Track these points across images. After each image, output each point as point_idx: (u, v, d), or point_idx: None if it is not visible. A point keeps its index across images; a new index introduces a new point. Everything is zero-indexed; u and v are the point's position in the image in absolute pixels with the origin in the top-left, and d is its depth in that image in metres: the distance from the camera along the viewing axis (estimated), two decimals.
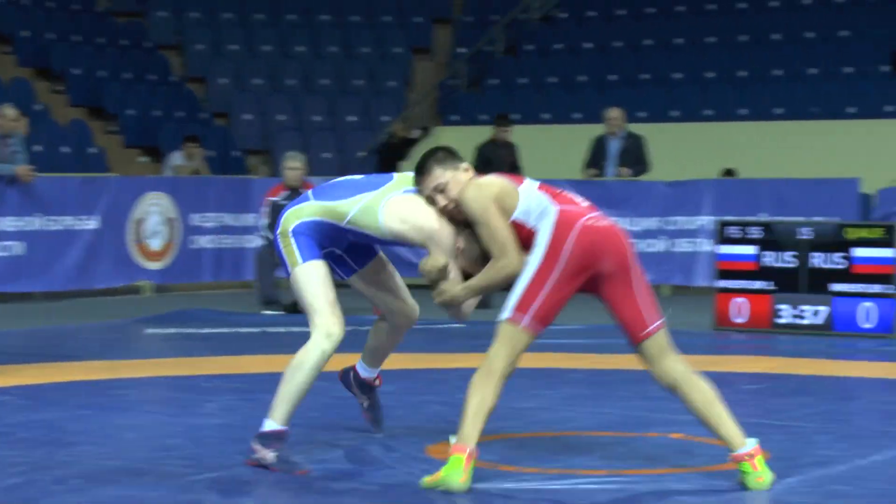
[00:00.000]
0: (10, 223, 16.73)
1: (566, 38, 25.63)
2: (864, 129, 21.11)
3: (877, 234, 13.78)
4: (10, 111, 16.98)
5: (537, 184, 6.86)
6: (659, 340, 6.65)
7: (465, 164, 7.06)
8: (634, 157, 19.00)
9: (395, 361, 11.75)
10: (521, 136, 19.41)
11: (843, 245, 13.77)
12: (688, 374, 6.63)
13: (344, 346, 7.53)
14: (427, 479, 6.65)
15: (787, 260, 13.89)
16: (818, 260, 13.80)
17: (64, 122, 22.46)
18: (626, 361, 11.63)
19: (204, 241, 18.96)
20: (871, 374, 11.47)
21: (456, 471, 6.52)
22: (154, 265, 18.37)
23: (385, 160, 22.36)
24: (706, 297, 15.08)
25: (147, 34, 25.84)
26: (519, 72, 25.26)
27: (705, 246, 17.53)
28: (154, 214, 18.28)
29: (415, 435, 8.23)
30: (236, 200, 19.24)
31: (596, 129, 19.58)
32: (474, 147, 19.30)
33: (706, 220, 17.80)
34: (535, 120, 20.36)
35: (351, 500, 6.62)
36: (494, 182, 6.86)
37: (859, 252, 13.68)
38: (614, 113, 19.18)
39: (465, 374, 10.99)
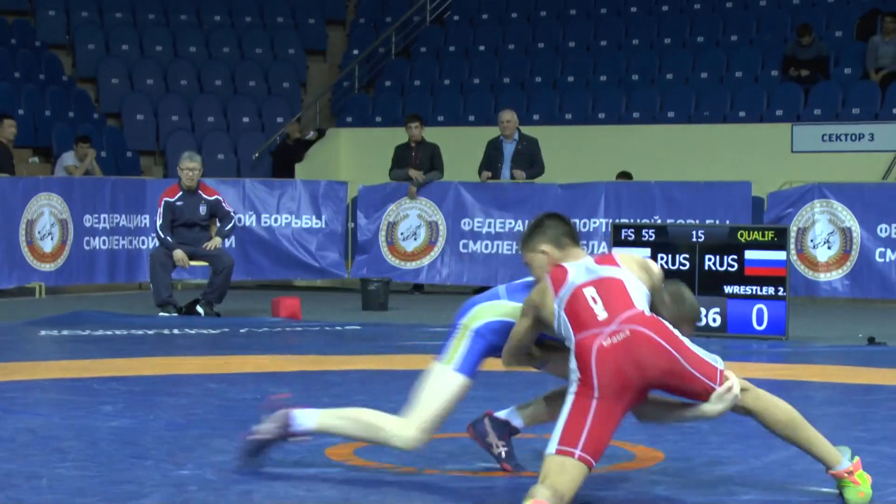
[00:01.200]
0: None
1: (460, 41, 25.68)
2: (755, 133, 21.29)
3: (768, 236, 13.91)
4: None
5: (565, 301, 6.46)
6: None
7: (543, 246, 6.78)
8: (529, 159, 19.11)
9: (292, 364, 11.80)
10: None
11: (736, 248, 13.88)
12: (761, 400, 6.49)
13: (228, 347, 7.53)
14: None
15: (682, 262, 13.99)
16: (711, 262, 13.91)
17: None
18: None
19: (97, 243, 18.86)
20: (763, 375, 11.57)
21: None
22: (46, 266, 18.25)
23: (280, 162, 22.38)
24: None
25: (36, 33, 25.64)
26: (412, 74, 25.30)
27: (600, 248, 17.65)
28: (46, 215, 18.18)
29: (314, 438, 8.25)
30: (130, 201, 19.13)
31: (490, 132, 19.67)
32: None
33: (601, 223, 17.95)
34: (430, 122, 20.39)
35: (255, 500, 6.61)
36: (538, 298, 6.62)
37: (751, 255, 13.80)
38: (508, 116, 19.28)
39: (362, 376, 11.07)
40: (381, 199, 19.35)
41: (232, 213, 16.90)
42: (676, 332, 6.31)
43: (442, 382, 7.00)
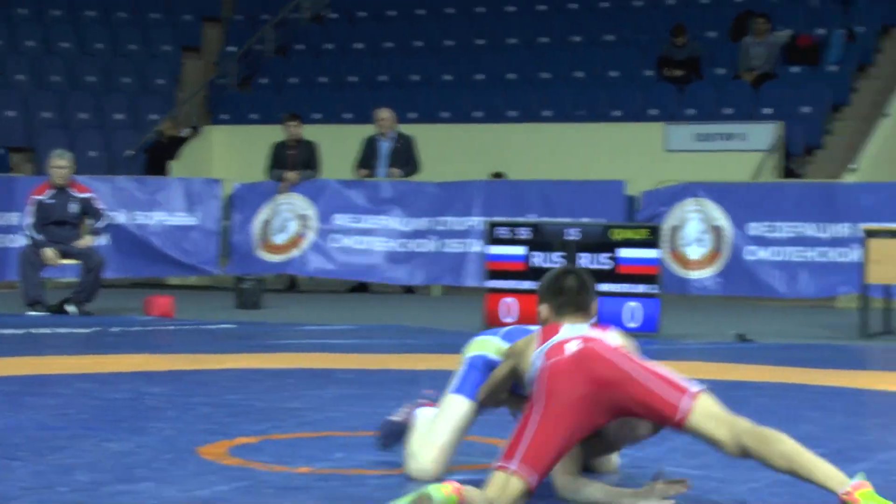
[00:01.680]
0: None
1: (337, 39, 25.69)
2: (629, 132, 21.45)
3: (642, 235, 14.02)
4: None
5: (553, 343, 6.28)
6: (700, 417, 6.02)
7: (543, 306, 6.59)
8: (405, 157, 19.16)
9: (165, 363, 11.75)
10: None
11: (609, 246, 13.98)
12: (754, 434, 6.00)
13: (100, 347, 7.51)
14: None
15: (555, 260, 14.06)
16: (585, 260, 13.99)
17: None
18: (394, 361, 11.77)
19: None
20: None
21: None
22: None
23: (154, 159, 22.27)
24: (476, 297, 15.22)
25: None
26: (289, 71, 25.30)
27: (475, 246, 17.71)
28: None
29: (186, 434, 8.23)
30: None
31: (366, 130, 19.70)
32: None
33: (476, 221, 17.99)
34: (307, 120, 20.36)
35: (126, 500, 6.58)
36: (521, 347, 6.44)
37: (625, 253, 13.91)
38: (384, 114, 19.34)
39: (234, 375, 11.04)
40: (256, 196, 19.33)
41: (104, 211, 16.80)
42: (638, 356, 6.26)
43: (444, 408, 6.97)
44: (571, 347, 6.18)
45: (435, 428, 6.92)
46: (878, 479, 7.14)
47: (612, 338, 6.35)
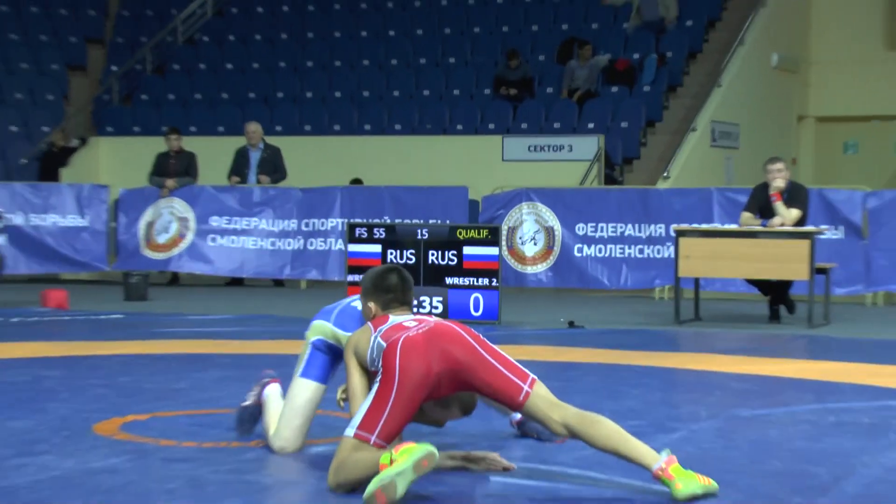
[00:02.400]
0: None
1: (209, 60, 25.51)
2: (470, 144, 21.47)
3: (483, 234, 14.03)
4: None
5: (386, 327, 6.31)
6: (536, 401, 6.10)
7: (371, 305, 6.62)
8: (272, 165, 19.11)
9: (60, 349, 11.60)
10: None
11: (456, 244, 13.98)
12: (579, 417, 6.07)
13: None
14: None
15: (408, 257, 14.04)
16: (434, 257, 13.98)
17: None
18: (266, 346, 11.70)
19: None
20: None
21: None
22: None
23: (46, 167, 21.98)
24: (339, 289, 15.15)
25: None
26: (167, 89, 25.08)
27: (337, 245, 17.69)
28: None
29: (81, 413, 8.12)
30: None
31: (238, 141, 19.59)
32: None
33: (337, 222, 17.97)
34: (184, 132, 20.18)
35: (23, 479, 6.46)
36: (357, 337, 6.42)
37: (469, 250, 13.91)
38: (253, 127, 19.27)
39: (124, 360, 10.91)
40: (139, 200, 19.15)
41: (2, 214, 16.62)
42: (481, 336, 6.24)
43: (294, 392, 6.96)
44: (419, 326, 6.21)
45: (289, 411, 6.99)
46: (690, 446, 7.23)
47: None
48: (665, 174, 19.62)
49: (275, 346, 11.39)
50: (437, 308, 13.75)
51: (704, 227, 14.97)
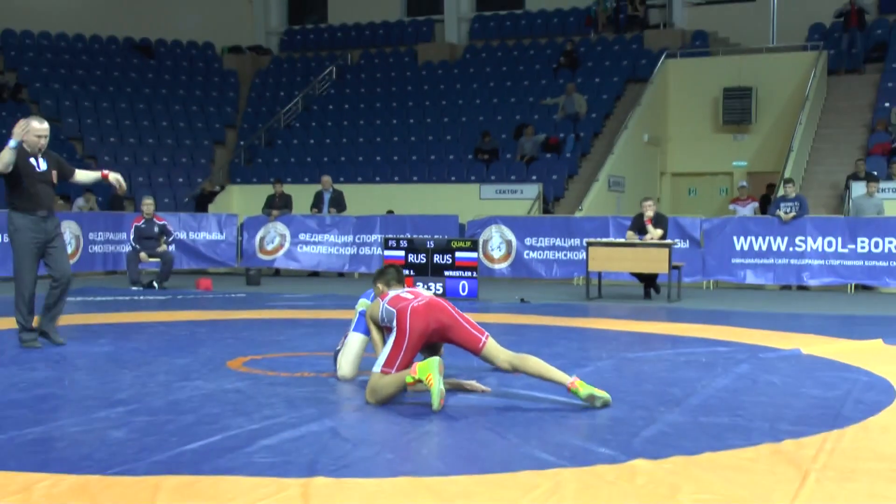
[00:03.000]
0: None
1: (299, 137, 25.49)
2: (459, 189, 21.41)
3: (468, 244, 13.98)
4: None
5: (389, 298, 6.43)
6: (490, 349, 6.20)
7: (379, 286, 6.84)
8: (338, 203, 19.17)
9: (208, 315, 11.54)
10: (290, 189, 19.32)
11: (451, 250, 13.92)
12: (517, 357, 6.19)
13: (173, 306, 7.34)
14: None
15: (421, 258, 14.00)
16: (437, 258, 13.94)
17: None
18: (335, 314, 11.64)
19: (96, 248, 18.34)
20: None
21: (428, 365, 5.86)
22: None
23: (199, 204, 21.98)
24: None
25: None
26: (273, 155, 24.99)
27: (377, 251, 17.61)
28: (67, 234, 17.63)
29: (219, 354, 8.06)
30: (112, 226, 18.63)
31: (316, 188, 19.55)
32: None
33: (377, 237, 17.86)
34: (285, 182, 20.16)
35: (183, 395, 6.39)
36: (372, 307, 6.59)
37: (459, 254, 13.85)
38: (326, 178, 19.66)
39: (245, 322, 10.83)
40: (256, 224, 19.09)
41: (172, 232, 16.68)
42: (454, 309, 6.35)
43: (349, 341, 6.99)
44: (418, 299, 6.28)
45: (346, 353, 6.99)
46: (596, 375, 7.19)
47: (426, 294, 6.49)
48: (580, 207, 19.57)
49: (339, 314, 11.35)
50: (439, 290, 13.70)
51: (604, 240, 14.95)
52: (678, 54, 24.04)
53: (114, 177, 8.72)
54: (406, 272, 14.15)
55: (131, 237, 15.89)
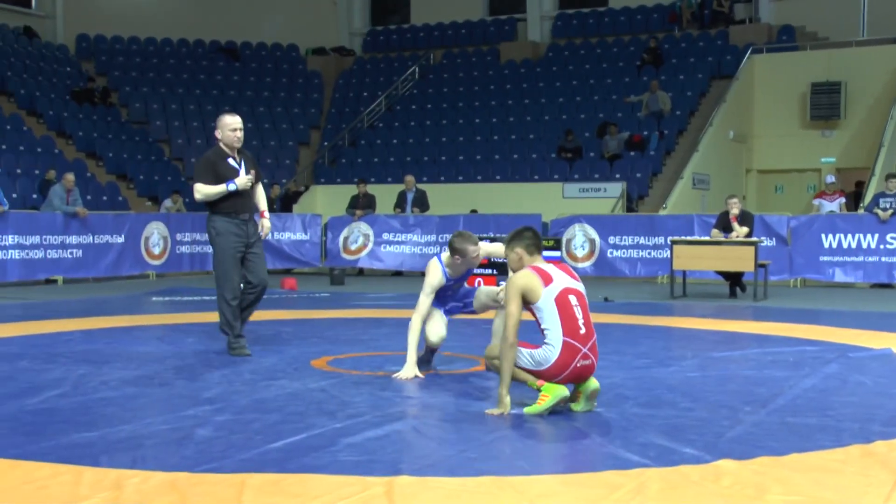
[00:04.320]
0: (74, 239, 16.44)
1: (383, 137, 25.66)
2: (543, 188, 21.33)
3: (551, 243, 13.98)
4: (70, 176, 16.70)
5: (555, 295, 5.64)
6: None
7: (518, 249, 5.88)
8: (421, 202, 19.18)
9: (293, 315, 11.66)
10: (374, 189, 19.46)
11: None
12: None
13: (260, 306, 7.43)
14: (531, 409, 5.58)
15: (504, 260, 13.96)
16: None
17: None
18: None
19: (184, 248, 18.68)
20: None
21: (556, 387, 5.55)
22: (155, 262, 18.08)
23: (285, 204, 22.21)
24: None
25: None
26: (357, 156, 25.15)
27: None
28: (155, 234, 17.96)
29: (304, 353, 8.14)
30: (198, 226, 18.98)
31: (400, 187, 19.64)
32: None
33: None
34: (369, 182, 20.30)
35: (269, 394, 6.47)
36: (526, 279, 5.68)
37: (545, 253, 13.79)
38: (409, 178, 19.54)
39: (329, 321, 10.90)
40: (340, 224, 19.24)
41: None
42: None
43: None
44: (587, 357, 5.65)
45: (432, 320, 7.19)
46: (680, 375, 7.09)
47: (583, 288, 5.89)
48: (664, 206, 19.40)
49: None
50: None
51: (688, 238, 14.80)
52: (764, 49, 23.68)
53: (263, 223, 8.42)
54: (489, 272, 14.16)
55: None
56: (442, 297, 7.25)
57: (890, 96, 21.25)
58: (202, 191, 7.97)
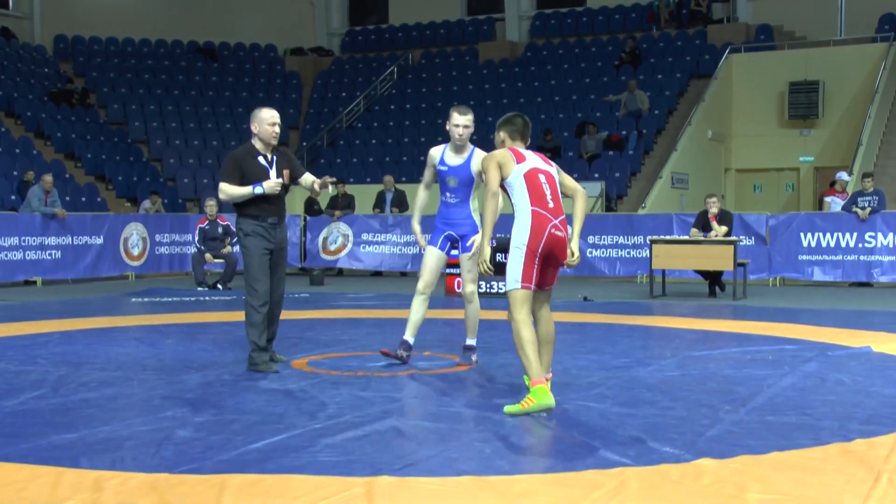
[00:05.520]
0: (53, 241, 16.34)
1: (361, 138, 25.62)
2: None
3: None
4: (49, 178, 16.64)
5: (524, 171, 5.93)
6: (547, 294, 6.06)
7: (503, 133, 6.22)
8: (400, 202, 19.08)
9: None
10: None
11: None
12: (545, 313, 6.07)
13: (237, 307, 7.40)
14: (512, 408, 5.67)
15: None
16: (500, 257, 13.68)
17: None
18: (397, 314, 11.66)
19: (163, 249, 18.59)
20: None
21: (546, 395, 5.62)
22: (135, 263, 17.99)
23: None
24: (440, 277, 15.15)
25: None
26: (336, 156, 25.15)
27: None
28: (135, 235, 17.88)
29: (283, 353, 8.11)
30: (177, 228, 18.88)
31: (379, 188, 19.56)
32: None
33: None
34: (348, 182, 20.28)
35: (250, 395, 6.45)
36: (502, 154, 5.98)
37: None
38: (388, 178, 19.46)
39: (308, 321, 10.88)
40: (319, 224, 19.21)
41: (235, 232, 16.80)
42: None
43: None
44: (559, 228, 5.90)
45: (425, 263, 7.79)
46: (660, 374, 7.11)
47: (555, 172, 6.11)
48: (643, 205, 19.44)
49: (402, 313, 11.37)
50: (501, 288, 13.66)
51: (667, 237, 14.84)
52: (742, 49, 23.78)
53: (325, 179, 7.80)
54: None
55: (196, 239, 16.08)
56: (443, 203, 7.78)
57: (868, 95, 21.37)
58: (226, 191, 7.44)
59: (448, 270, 14.42)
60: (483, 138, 23.96)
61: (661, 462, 4.57)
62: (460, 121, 7.47)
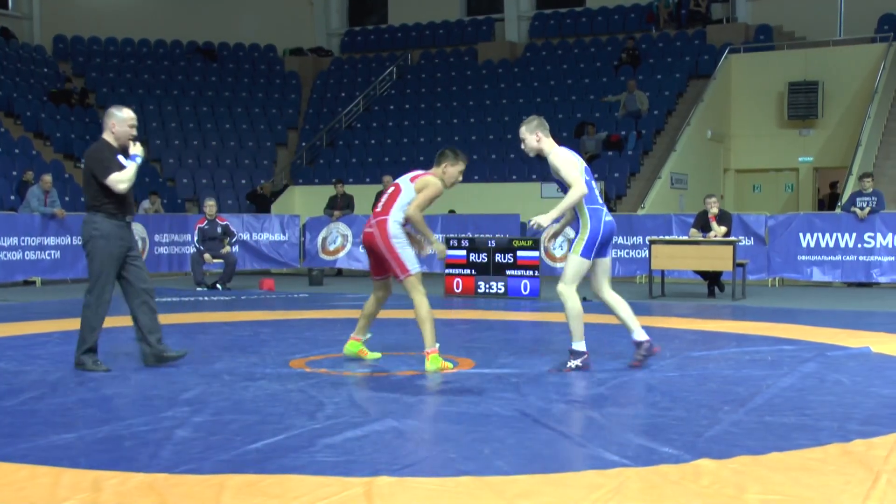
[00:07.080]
0: (52, 241, 16.33)
1: (360, 138, 25.61)
2: (521, 188, 21.38)
3: (529, 243, 13.98)
4: (48, 178, 16.63)
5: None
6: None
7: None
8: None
9: (271, 315, 11.61)
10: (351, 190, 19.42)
11: (512, 249, 13.93)
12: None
13: (237, 307, 7.40)
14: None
15: (482, 258, 14.01)
16: (499, 257, 13.95)
17: None
18: (395, 314, 11.65)
19: (162, 249, 18.57)
20: (524, 318, 11.62)
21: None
22: None
23: (260, 205, 22.15)
24: (440, 278, 15.16)
25: None
26: (335, 156, 25.13)
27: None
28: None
29: (282, 354, 8.11)
30: (176, 228, 18.88)
31: (378, 187, 19.57)
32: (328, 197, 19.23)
33: (439, 237, 17.78)
34: (346, 182, 20.30)
35: (248, 394, 6.44)
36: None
37: (521, 253, 13.86)
38: (387, 178, 19.13)
39: (308, 321, 10.86)
40: (318, 224, 19.21)
41: (235, 232, 16.85)
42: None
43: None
44: (371, 225, 8.00)
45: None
46: (659, 374, 7.10)
47: (406, 185, 7.87)
48: (642, 205, 19.44)
49: (400, 314, 11.38)
50: (500, 289, 13.69)
51: (667, 238, 14.85)
52: (741, 49, 23.79)
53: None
54: (468, 272, 14.19)
55: (195, 239, 16.07)
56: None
57: (867, 96, 21.38)
58: (124, 179, 7.44)
59: (448, 271, 14.42)
60: (483, 139, 23.99)
61: (661, 462, 4.57)
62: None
